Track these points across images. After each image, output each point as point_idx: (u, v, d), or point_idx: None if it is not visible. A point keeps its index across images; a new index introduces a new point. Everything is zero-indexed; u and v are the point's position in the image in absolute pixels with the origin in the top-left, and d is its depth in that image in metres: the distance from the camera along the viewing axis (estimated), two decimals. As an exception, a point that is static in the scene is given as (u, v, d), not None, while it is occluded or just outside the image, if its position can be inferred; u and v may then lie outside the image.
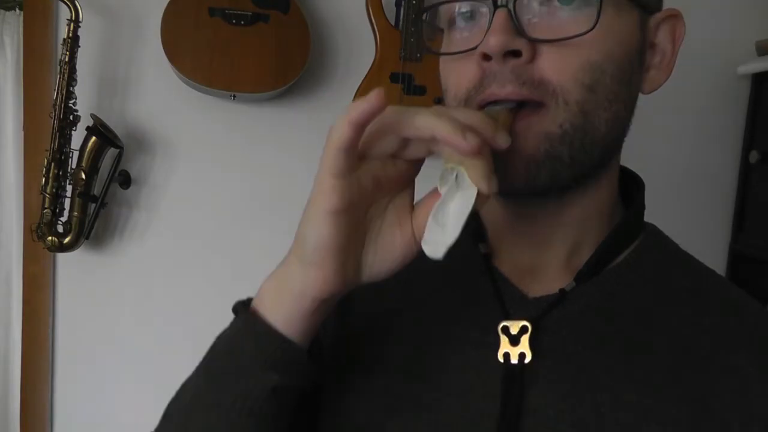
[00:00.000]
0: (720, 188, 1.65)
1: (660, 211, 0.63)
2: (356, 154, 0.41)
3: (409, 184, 0.46)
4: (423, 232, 0.43)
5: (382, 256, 0.45)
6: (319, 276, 0.43)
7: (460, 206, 0.42)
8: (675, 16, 0.51)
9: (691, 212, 1.63)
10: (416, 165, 0.45)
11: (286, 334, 0.46)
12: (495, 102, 0.46)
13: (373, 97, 0.39)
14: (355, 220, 0.43)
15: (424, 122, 0.40)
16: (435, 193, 0.44)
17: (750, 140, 1.59)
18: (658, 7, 0.52)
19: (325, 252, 0.43)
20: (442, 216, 0.42)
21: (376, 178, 0.43)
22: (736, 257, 1.62)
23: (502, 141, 0.42)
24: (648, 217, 0.57)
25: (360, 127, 0.40)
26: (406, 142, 0.43)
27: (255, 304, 0.48)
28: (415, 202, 0.46)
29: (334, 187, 0.41)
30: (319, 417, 0.56)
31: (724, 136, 1.63)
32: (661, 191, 1.36)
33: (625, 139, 0.52)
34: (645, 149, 1.26)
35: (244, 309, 0.48)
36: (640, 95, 0.51)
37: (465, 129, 0.39)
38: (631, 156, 0.53)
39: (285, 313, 0.46)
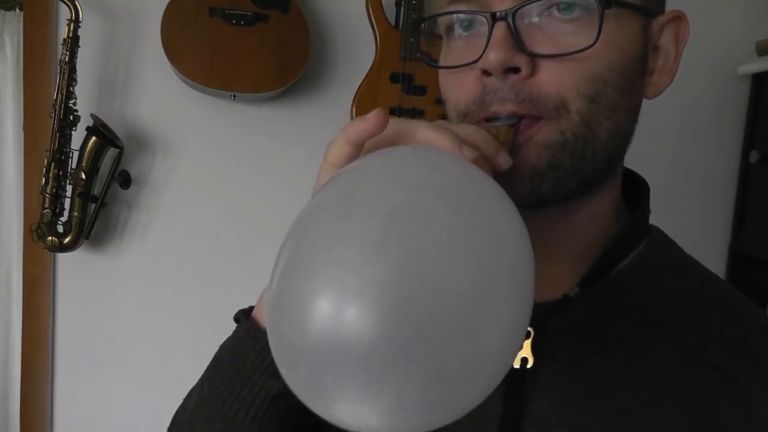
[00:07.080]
0: (720, 188, 1.65)
1: (660, 210, 0.62)
2: None
3: None
4: None
5: None
6: None
7: None
8: (679, 18, 0.50)
9: (691, 212, 1.63)
10: None
11: None
12: (496, 118, 0.46)
13: (373, 116, 0.39)
14: None
15: (424, 135, 0.40)
16: None
17: (750, 140, 1.58)
18: (661, 9, 0.51)
19: None
20: None
21: None
22: (736, 257, 1.62)
23: (503, 161, 0.42)
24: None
25: (358, 145, 0.40)
26: None
27: (256, 313, 0.49)
28: None
29: None
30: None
31: (724, 136, 1.63)
32: (662, 191, 1.36)
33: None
34: (645, 149, 1.26)
35: (245, 318, 0.50)
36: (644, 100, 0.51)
37: (462, 143, 0.39)
38: (631, 156, 0.52)
39: None
